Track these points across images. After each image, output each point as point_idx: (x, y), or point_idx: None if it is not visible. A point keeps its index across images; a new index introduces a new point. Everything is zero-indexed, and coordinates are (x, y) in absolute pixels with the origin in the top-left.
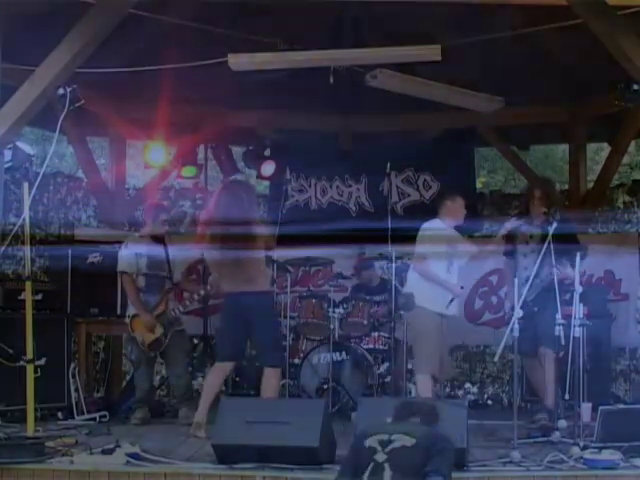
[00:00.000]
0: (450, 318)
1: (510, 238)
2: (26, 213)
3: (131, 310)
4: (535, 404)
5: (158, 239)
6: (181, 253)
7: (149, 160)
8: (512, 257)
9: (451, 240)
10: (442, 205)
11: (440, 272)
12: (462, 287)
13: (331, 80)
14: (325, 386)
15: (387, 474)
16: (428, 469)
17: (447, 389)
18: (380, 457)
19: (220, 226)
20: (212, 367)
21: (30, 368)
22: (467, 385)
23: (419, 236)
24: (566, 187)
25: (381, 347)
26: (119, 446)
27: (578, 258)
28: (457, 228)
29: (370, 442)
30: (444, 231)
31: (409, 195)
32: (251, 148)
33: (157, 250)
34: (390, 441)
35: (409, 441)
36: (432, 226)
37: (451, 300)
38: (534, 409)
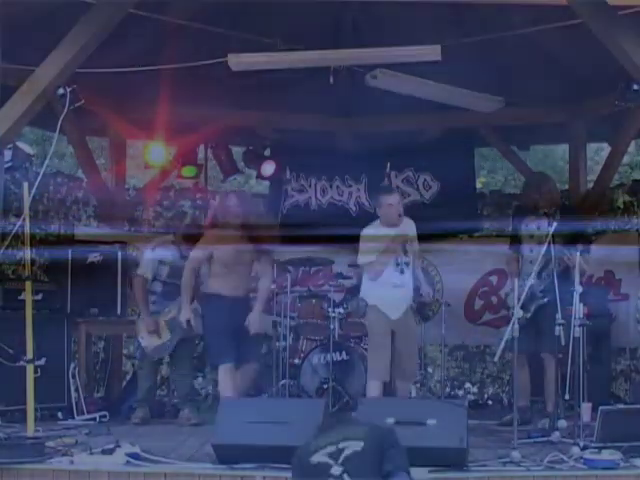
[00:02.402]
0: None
1: (516, 234)
2: (26, 213)
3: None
4: (536, 404)
5: (191, 241)
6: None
7: (149, 160)
8: (517, 251)
9: (394, 239)
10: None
11: (391, 272)
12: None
13: (331, 80)
14: (325, 386)
15: None
16: (388, 468)
17: (447, 389)
18: (336, 470)
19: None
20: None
21: (30, 368)
22: (467, 385)
23: (360, 240)
24: (566, 187)
25: None
26: (119, 446)
27: (578, 256)
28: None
29: (318, 458)
30: (380, 231)
31: (409, 195)
32: (251, 148)
33: (181, 258)
34: (340, 450)
35: (357, 445)
36: (369, 229)
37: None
38: (535, 409)
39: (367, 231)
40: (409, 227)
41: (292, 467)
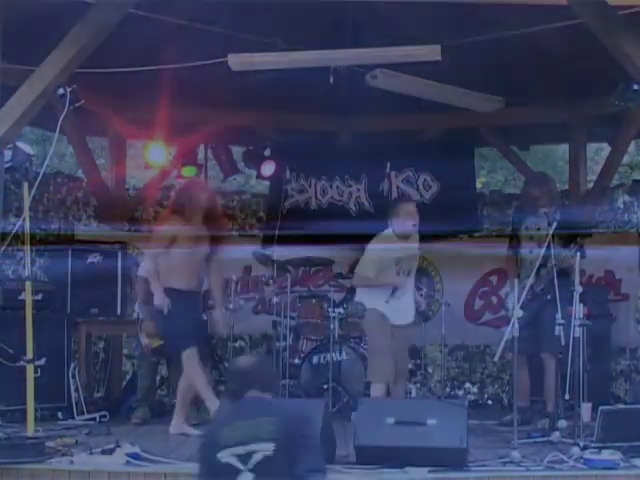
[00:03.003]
0: (404, 328)
1: (516, 235)
2: (26, 213)
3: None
4: (536, 404)
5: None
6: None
7: (149, 160)
8: (517, 252)
9: (401, 253)
10: (390, 218)
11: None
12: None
13: (331, 80)
14: (325, 386)
15: None
16: (300, 471)
17: (447, 389)
18: (246, 477)
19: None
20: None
21: (30, 368)
22: (467, 385)
23: (366, 250)
24: (566, 187)
25: None
26: (119, 446)
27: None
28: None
29: (225, 457)
30: (393, 241)
31: (409, 195)
32: (251, 148)
33: None
34: (250, 454)
35: (268, 448)
36: (380, 238)
37: (392, 292)
38: (535, 409)
39: (374, 247)
40: (415, 239)
41: (198, 457)
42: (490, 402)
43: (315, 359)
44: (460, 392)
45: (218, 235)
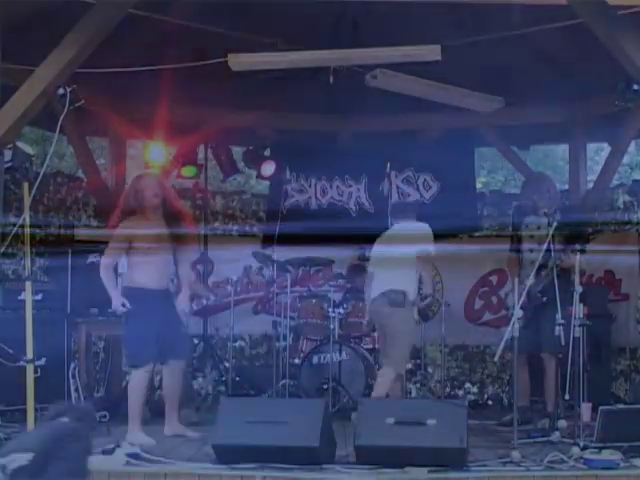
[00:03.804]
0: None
1: (516, 234)
2: (26, 213)
3: None
4: (536, 404)
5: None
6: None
7: (149, 160)
8: (518, 252)
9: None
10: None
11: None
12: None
13: (331, 80)
14: (325, 386)
15: None
16: None
17: (447, 389)
18: None
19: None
20: (133, 375)
21: (30, 368)
22: (467, 385)
23: (427, 234)
24: (566, 187)
25: None
26: (119, 446)
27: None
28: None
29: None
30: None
31: (409, 195)
32: (251, 148)
33: None
34: (4, 466)
35: (25, 458)
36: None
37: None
38: (535, 409)
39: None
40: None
41: None
42: (490, 402)
43: (315, 359)
44: (460, 392)
45: (181, 234)
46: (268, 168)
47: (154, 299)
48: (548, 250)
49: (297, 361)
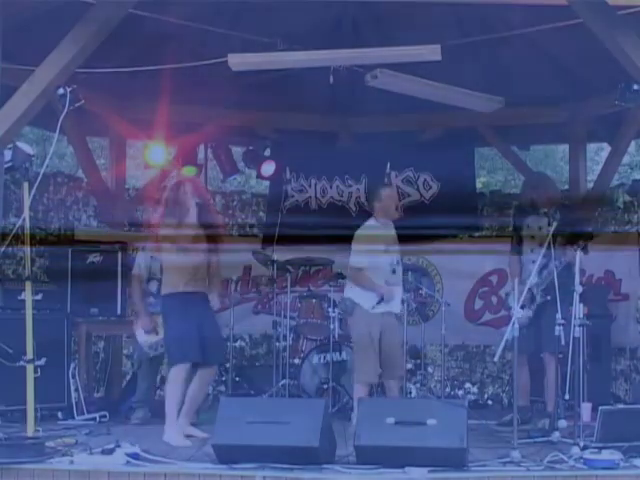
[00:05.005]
0: (399, 316)
1: (517, 235)
2: (26, 213)
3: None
4: (536, 404)
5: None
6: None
7: (149, 160)
8: (519, 252)
9: (387, 239)
10: (372, 205)
11: (385, 273)
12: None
13: (331, 80)
14: (325, 386)
15: None
16: None
17: (447, 389)
18: None
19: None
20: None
21: (30, 368)
22: (467, 385)
23: (354, 240)
24: (566, 187)
25: None
26: (119, 446)
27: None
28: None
29: None
30: (378, 230)
31: (409, 195)
32: (251, 148)
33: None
34: None
35: None
36: (365, 227)
37: (378, 301)
38: (535, 409)
39: (361, 232)
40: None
41: None
42: (490, 402)
43: (315, 359)
44: (460, 392)
45: (215, 234)
46: (268, 168)
47: (186, 302)
48: (549, 250)
49: (297, 361)
